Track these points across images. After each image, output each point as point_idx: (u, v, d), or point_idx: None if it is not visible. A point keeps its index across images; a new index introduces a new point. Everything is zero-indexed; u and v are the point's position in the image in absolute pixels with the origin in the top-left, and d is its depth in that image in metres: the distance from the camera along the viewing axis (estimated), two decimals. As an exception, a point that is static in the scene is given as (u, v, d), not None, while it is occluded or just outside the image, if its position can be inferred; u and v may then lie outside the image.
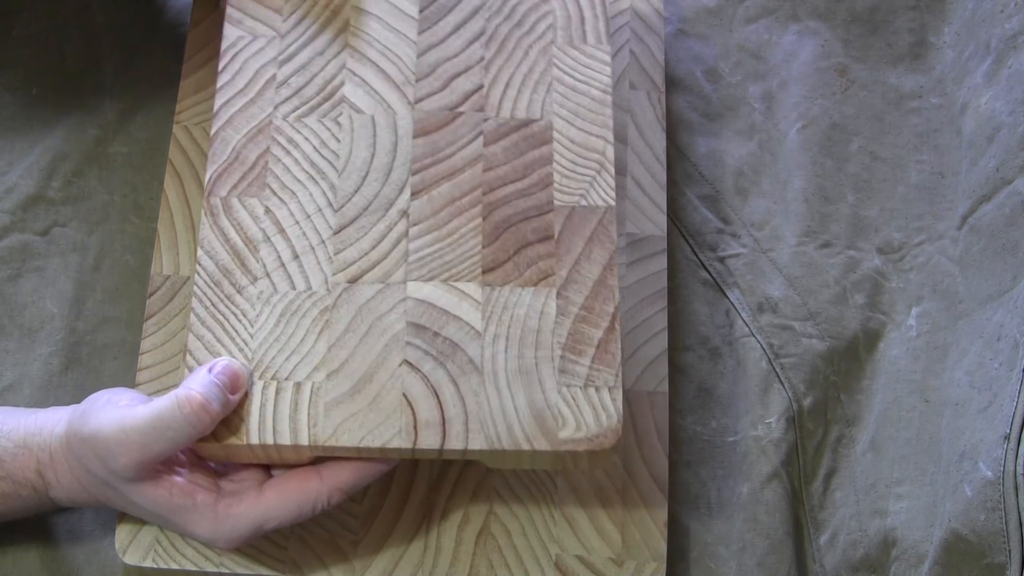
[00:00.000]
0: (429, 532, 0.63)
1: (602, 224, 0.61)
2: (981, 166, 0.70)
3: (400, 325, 0.59)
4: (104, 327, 0.70)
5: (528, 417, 0.57)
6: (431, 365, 0.58)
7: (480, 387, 0.57)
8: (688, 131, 0.76)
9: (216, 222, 0.62)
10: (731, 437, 0.69)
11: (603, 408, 0.57)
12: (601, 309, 0.59)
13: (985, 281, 0.66)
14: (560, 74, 0.64)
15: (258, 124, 0.64)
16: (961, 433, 0.62)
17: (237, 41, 0.66)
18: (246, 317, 0.60)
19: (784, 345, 0.70)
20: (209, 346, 0.59)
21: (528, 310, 0.59)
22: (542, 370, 0.58)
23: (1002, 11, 0.73)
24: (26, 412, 0.61)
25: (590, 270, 0.60)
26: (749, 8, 0.80)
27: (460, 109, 0.64)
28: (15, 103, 0.75)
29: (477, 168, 0.62)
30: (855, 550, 0.66)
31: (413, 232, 0.61)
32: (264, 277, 0.60)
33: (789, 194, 0.74)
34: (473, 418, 0.57)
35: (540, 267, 0.60)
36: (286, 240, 0.61)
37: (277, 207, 0.62)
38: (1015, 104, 0.68)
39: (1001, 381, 0.60)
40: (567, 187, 0.62)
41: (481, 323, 0.59)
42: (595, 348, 0.58)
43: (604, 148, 0.63)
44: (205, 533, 0.57)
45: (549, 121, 0.63)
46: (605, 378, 0.58)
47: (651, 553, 0.63)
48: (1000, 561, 0.56)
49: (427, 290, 0.60)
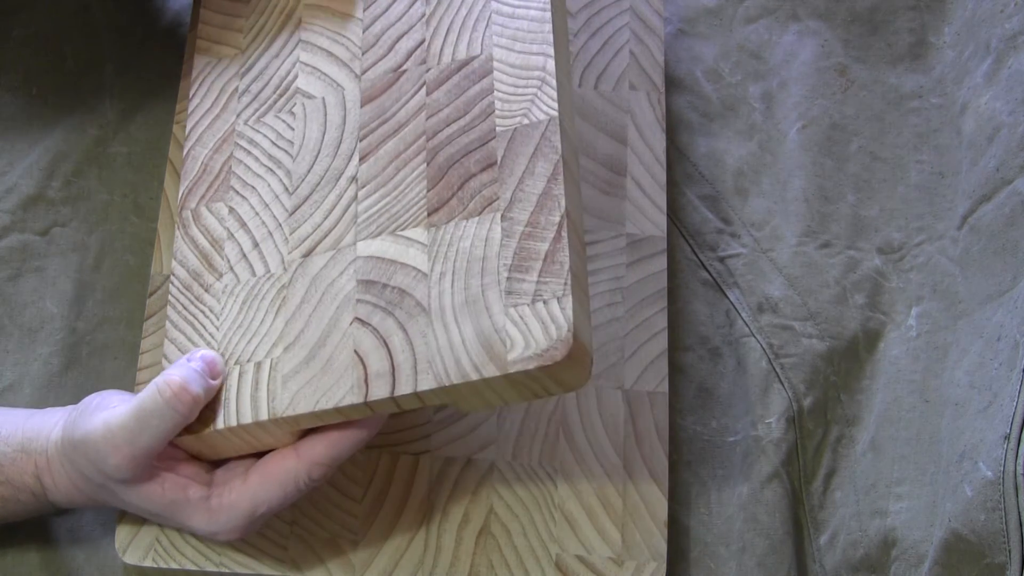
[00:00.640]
0: (429, 532, 0.63)
1: (544, 137, 0.58)
2: (981, 166, 0.70)
3: (351, 285, 0.58)
4: (104, 327, 0.70)
5: (475, 346, 0.54)
6: (380, 316, 0.57)
7: (427, 327, 0.55)
8: (688, 131, 0.76)
9: (187, 232, 0.63)
10: (731, 437, 0.69)
11: (552, 320, 0.53)
12: (547, 221, 0.56)
13: (985, 281, 0.66)
14: (498, 5, 0.62)
15: (223, 135, 0.66)
16: (961, 433, 0.62)
17: (204, 67, 0.69)
18: (212, 312, 0.61)
19: (784, 345, 0.70)
20: (181, 347, 0.61)
21: (473, 240, 0.57)
22: (488, 296, 0.55)
23: (1002, 11, 0.73)
24: (24, 415, 0.61)
25: (534, 185, 0.57)
26: (749, 8, 0.80)
27: (403, 67, 0.63)
28: (15, 103, 0.75)
29: (420, 118, 0.61)
30: (855, 550, 0.66)
31: (361, 194, 0.61)
32: (228, 271, 0.62)
33: (789, 194, 0.74)
34: (421, 359, 0.55)
35: (484, 195, 0.58)
36: (247, 232, 0.62)
37: (239, 204, 0.63)
38: (1015, 104, 0.68)
39: (1001, 381, 0.60)
40: (508, 111, 0.59)
41: (427, 264, 0.57)
42: (542, 261, 0.55)
43: (544, 63, 0.60)
44: (203, 526, 0.58)
45: (489, 53, 0.61)
46: (553, 289, 0.54)
47: (651, 553, 0.63)
48: (1000, 561, 0.56)
49: (375, 245, 0.59)
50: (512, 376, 0.53)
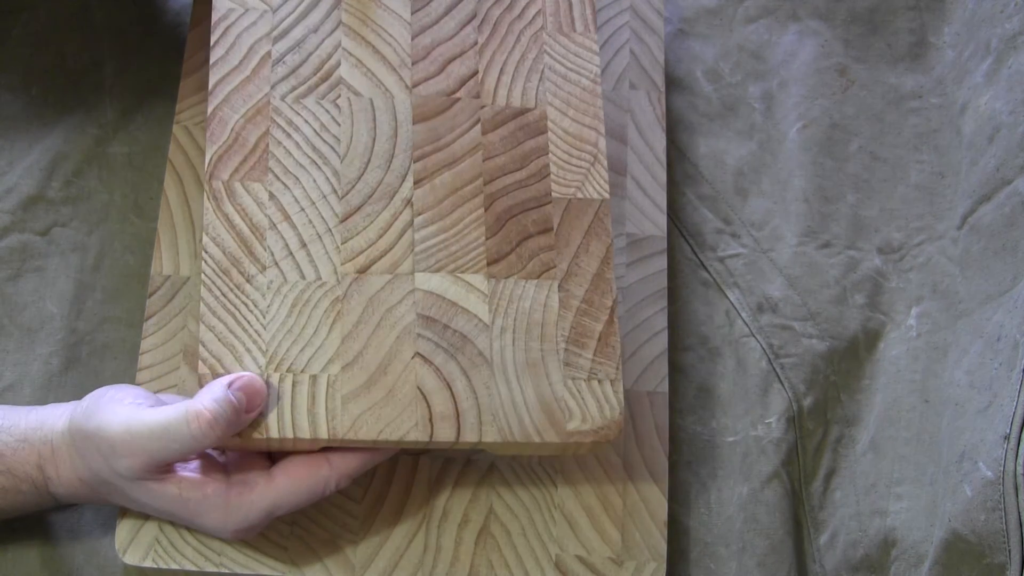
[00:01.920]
0: (429, 532, 0.63)
1: (598, 217, 0.62)
2: (981, 166, 0.70)
3: (411, 317, 0.59)
4: (104, 327, 0.70)
5: (537, 409, 0.58)
6: (443, 358, 0.59)
7: (491, 379, 0.58)
8: (688, 131, 0.76)
9: (220, 207, 0.61)
10: (731, 437, 0.69)
11: (606, 400, 0.59)
12: (600, 303, 0.60)
13: (985, 281, 0.66)
14: (551, 62, 0.65)
15: (256, 104, 0.64)
16: (961, 433, 0.62)
17: (228, 14, 0.65)
18: (257, 307, 0.60)
19: (784, 345, 0.70)
20: (222, 337, 0.59)
21: (532, 303, 0.60)
22: (548, 363, 0.59)
23: (1002, 11, 0.73)
24: (26, 409, 0.61)
25: (588, 263, 0.61)
26: (749, 8, 0.80)
27: (457, 95, 0.64)
28: (15, 103, 0.75)
29: (477, 157, 0.63)
30: (855, 550, 0.66)
31: (418, 222, 0.61)
32: (273, 266, 0.60)
33: (789, 194, 0.74)
34: (485, 410, 0.58)
35: (542, 259, 0.61)
36: (292, 227, 0.61)
37: (281, 193, 0.62)
38: (1015, 104, 0.68)
39: (1001, 381, 0.60)
40: (563, 178, 0.63)
41: (488, 315, 0.60)
42: (596, 341, 0.60)
43: (597, 140, 0.64)
44: (215, 524, 0.58)
45: (543, 110, 0.64)
46: (607, 371, 0.59)
47: (651, 553, 0.63)
48: (1000, 561, 0.56)
49: (435, 281, 0.60)
50: (566, 443, 0.58)
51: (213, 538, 0.62)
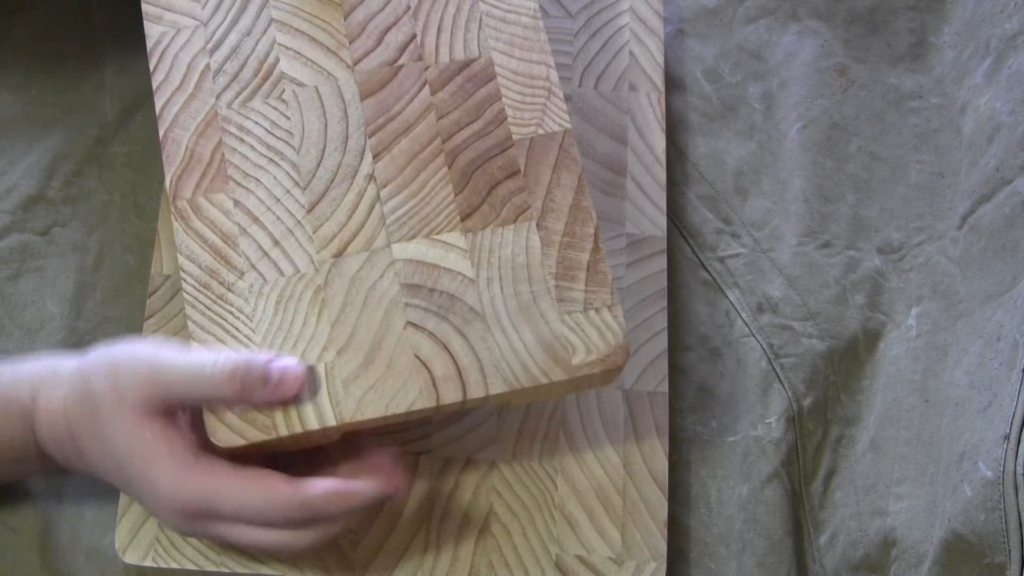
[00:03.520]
0: (429, 532, 0.63)
1: (563, 149, 0.62)
2: (981, 166, 0.70)
3: (395, 289, 0.59)
4: (104, 327, 0.70)
5: (539, 351, 0.58)
6: (434, 321, 0.59)
7: (486, 332, 0.58)
8: (688, 131, 0.76)
9: (189, 225, 0.62)
10: (731, 437, 0.69)
11: (607, 327, 0.58)
12: (582, 232, 0.60)
13: (985, 281, 0.66)
14: (487, 8, 0.65)
15: (204, 118, 0.64)
16: (961, 433, 0.62)
17: (162, 37, 0.66)
18: (243, 313, 0.60)
19: (784, 345, 0.70)
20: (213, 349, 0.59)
21: (514, 247, 0.60)
22: (541, 303, 0.59)
23: (1002, 11, 0.73)
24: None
25: (563, 196, 0.61)
26: (749, 8, 0.80)
27: (400, 62, 0.64)
28: (15, 103, 0.75)
29: (431, 117, 0.62)
30: (855, 550, 0.66)
31: (384, 194, 0.61)
32: (250, 269, 0.60)
33: (789, 194, 0.74)
34: (487, 364, 0.58)
35: (515, 203, 0.61)
36: (262, 228, 0.61)
37: (244, 197, 0.62)
38: (1015, 104, 0.68)
39: (1001, 381, 0.60)
40: (521, 119, 0.62)
41: (472, 270, 0.59)
42: (585, 271, 0.59)
43: (548, 74, 0.63)
44: (158, 488, 0.56)
45: (488, 57, 0.64)
46: (602, 298, 0.59)
47: (651, 553, 0.63)
48: (1000, 561, 0.56)
49: (412, 249, 0.60)
50: (575, 378, 0.58)
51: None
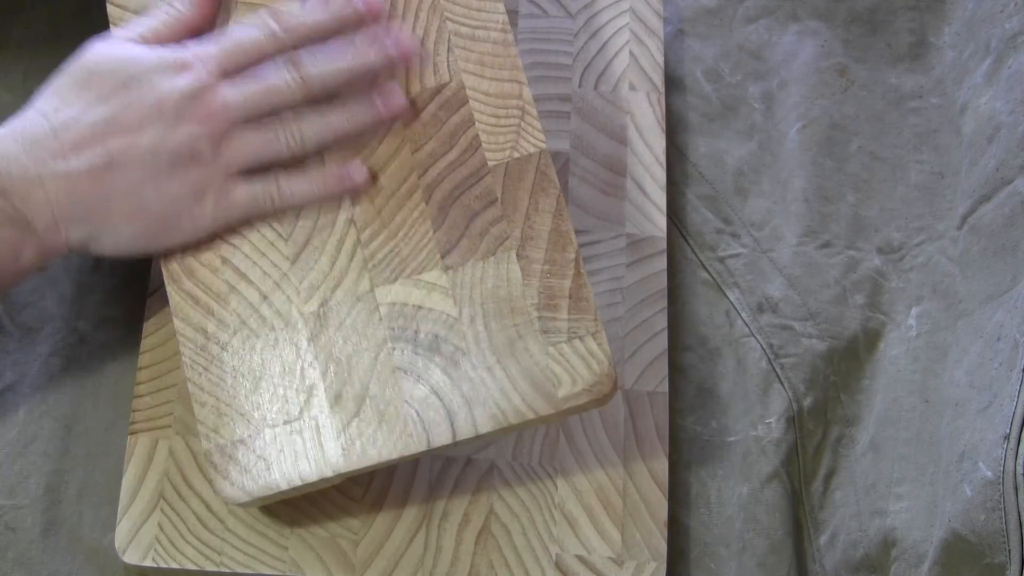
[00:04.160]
0: (429, 532, 0.63)
1: (540, 171, 0.60)
2: (981, 166, 0.70)
3: (381, 334, 0.59)
4: (104, 327, 0.70)
5: (526, 386, 0.57)
6: (421, 364, 0.58)
7: (472, 370, 0.58)
8: (688, 131, 0.76)
9: (181, 287, 0.61)
10: (731, 437, 0.69)
11: (591, 355, 0.57)
12: (562, 259, 0.59)
13: (985, 281, 0.66)
14: (455, 27, 0.63)
15: None
16: (961, 433, 0.62)
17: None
18: (238, 372, 0.60)
19: (784, 345, 0.70)
20: (216, 410, 0.60)
21: (495, 281, 0.59)
22: (525, 336, 0.58)
23: (1002, 11, 0.73)
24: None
25: (542, 222, 0.59)
26: (749, 8, 0.80)
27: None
28: (15, 103, 0.75)
29: (405, 152, 0.61)
30: (855, 550, 0.66)
31: (364, 237, 0.61)
32: (242, 327, 0.60)
33: (789, 194, 0.74)
34: (475, 403, 0.58)
35: (493, 234, 0.60)
36: (250, 284, 0.61)
37: (231, 254, 0.61)
38: (1015, 104, 0.69)
39: (1001, 381, 0.60)
40: (495, 143, 0.61)
41: (455, 308, 0.59)
42: (568, 299, 0.58)
43: (520, 92, 0.61)
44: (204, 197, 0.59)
45: (459, 80, 0.62)
46: (585, 326, 0.58)
47: (651, 553, 0.63)
48: (1000, 561, 0.56)
49: (395, 291, 0.60)
50: (563, 410, 0.57)
51: (213, 537, 0.62)
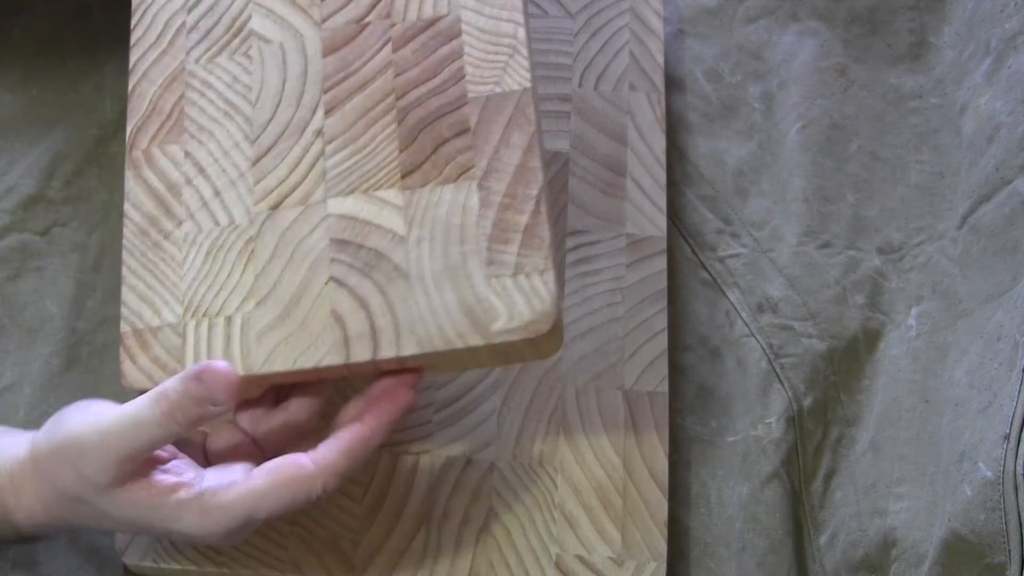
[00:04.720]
0: (429, 532, 0.63)
1: (519, 108, 0.59)
2: (981, 166, 0.70)
3: (323, 244, 0.58)
4: (104, 327, 0.70)
5: (459, 314, 0.55)
6: (357, 278, 0.57)
7: (408, 292, 0.56)
8: (688, 131, 0.76)
9: (139, 174, 0.61)
10: (731, 437, 0.69)
11: (535, 293, 0.55)
12: (524, 194, 0.57)
13: (985, 281, 0.66)
14: None
15: (172, 72, 0.63)
16: (961, 433, 0.62)
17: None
18: (174, 260, 0.59)
19: (784, 345, 0.70)
20: (141, 294, 0.59)
21: (450, 207, 0.57)
22: (469, 265, 0.56)
23: (1002, 11, 0.73)
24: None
25: (510, 156, 0.58)
26: (749, 8, 0.80)
27: (367, 20, 0.62)
28: (15, 103, 0.75)
29: (388, 75, 0.61)
30: (855, 550, 0.66)
31: (329, 149, 0.60)
32: (188, 219, 0.60)
33: (789, 194, 0.74)
34: (403, 324, 0.56)
35: (459, 161, 0.58)
36: (207, 179, 0.61)
37: (196, 149, 0.61)
38: (1015, 104, 0.68)
39: (1001, 381, 0.60)
40: (480, 76, 0.60)
41: (404, 228, 0.58)
42: (522, 234, 0.56)
43: (515, 31, 0.60)
44: (192, 529, 0.54)
45: (457, 15, 0.61)
46: (535, 263, 0.56)
47: (651, 553, 0.63)
48: (1000, 561, 0.56)
49: (348, 204, 0.59)
50: (495, 345, 0.55)
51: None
